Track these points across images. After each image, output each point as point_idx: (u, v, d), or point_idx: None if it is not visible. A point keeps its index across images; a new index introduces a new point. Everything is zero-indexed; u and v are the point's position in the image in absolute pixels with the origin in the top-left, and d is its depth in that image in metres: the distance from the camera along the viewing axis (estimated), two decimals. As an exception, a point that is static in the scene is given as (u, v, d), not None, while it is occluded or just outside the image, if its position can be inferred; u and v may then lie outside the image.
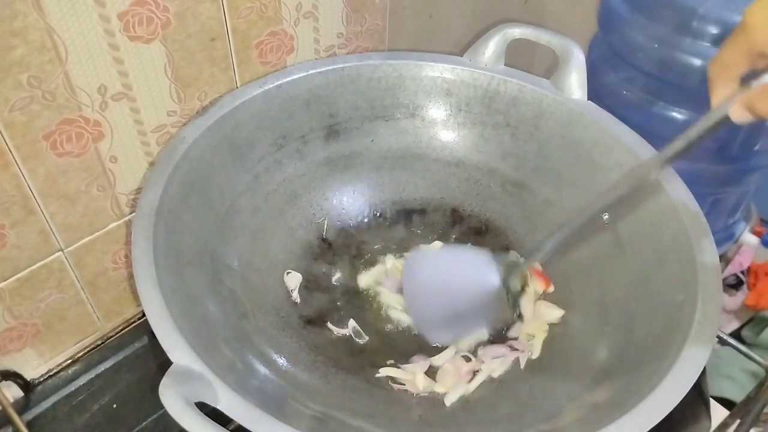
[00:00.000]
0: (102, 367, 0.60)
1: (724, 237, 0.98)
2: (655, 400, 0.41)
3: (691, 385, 0.42)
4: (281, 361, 0.52)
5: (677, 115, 0.84)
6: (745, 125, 0.42)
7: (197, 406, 0.37)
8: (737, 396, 0.96)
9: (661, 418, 0.40)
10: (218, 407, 0.39)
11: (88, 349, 0.62)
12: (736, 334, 1.20)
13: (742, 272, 1.26)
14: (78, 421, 0.56)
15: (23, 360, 0.59)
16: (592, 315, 0.55)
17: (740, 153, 0.85)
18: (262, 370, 0.48)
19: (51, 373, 0.59)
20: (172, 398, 0.36)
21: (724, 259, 1.05)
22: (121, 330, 0.63)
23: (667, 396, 0.41)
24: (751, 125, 0.80)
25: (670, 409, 0.40)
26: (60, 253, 0.57)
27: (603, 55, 0.91)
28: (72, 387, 0.58)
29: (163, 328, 0.42)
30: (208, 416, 0.36)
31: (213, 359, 0.43)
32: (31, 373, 0.59)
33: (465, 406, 0.51)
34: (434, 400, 0.52)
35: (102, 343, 0.62)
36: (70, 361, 0.60)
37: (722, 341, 0.57)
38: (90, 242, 0.59)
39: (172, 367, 0.39)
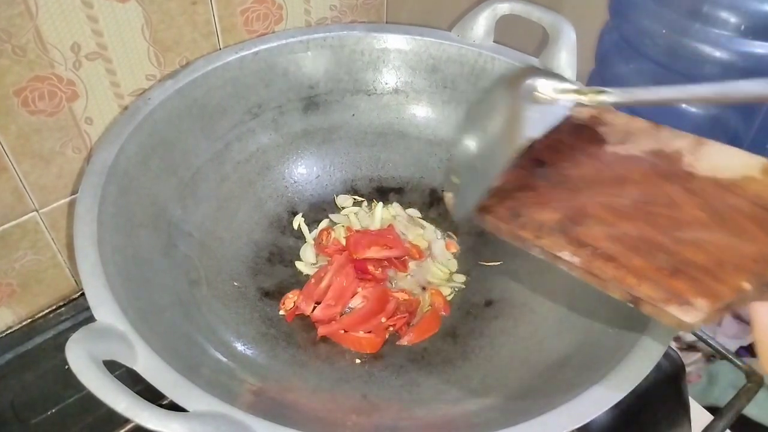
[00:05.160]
0: (62, 327, 0.59)
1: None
2: (600, 390, 0.38)
3: (642, 377, 0.39)
4: (227, 331, 0.50)
5: (686, 106, 0.80)
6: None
7: (115, 367, 0.36)
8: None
9: (602, 411, 0.37)
10: (135, 368, 0.38)
11: (50, 309, 0.61)
12: (753, 347, 1.15)
13: (764, 282, 1.20)
14: (28, 379, 0.55)
15: (-1, 319, 0.60)
16: (559, 302, 0.52)
17: (753, 149, 0.80)
18: (202, 339, 0.47)
19: (10, 330, 0.59)
20: (76, 352, 0.34)
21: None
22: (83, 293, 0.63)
23: (614, 387, 0.38)
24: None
25: (615, 401, 0.38)
26: (35, 213, 0.57)
27: (614, 45, 0.88)
28: (29, 345, 0.58)
29: (93, 285, 0.41)
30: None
31: (145, 321, 0.42)
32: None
33: (412, 388, 0.49)
34: (382, 381, 0.50)
35: (64, 304, 0.61)
36: (29, 320, 0.60)
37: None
38: (66, 205, 0.58)
39: (91, 324, 0.38)
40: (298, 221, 0.63)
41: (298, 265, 0.60)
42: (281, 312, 0.56)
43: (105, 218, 0.46)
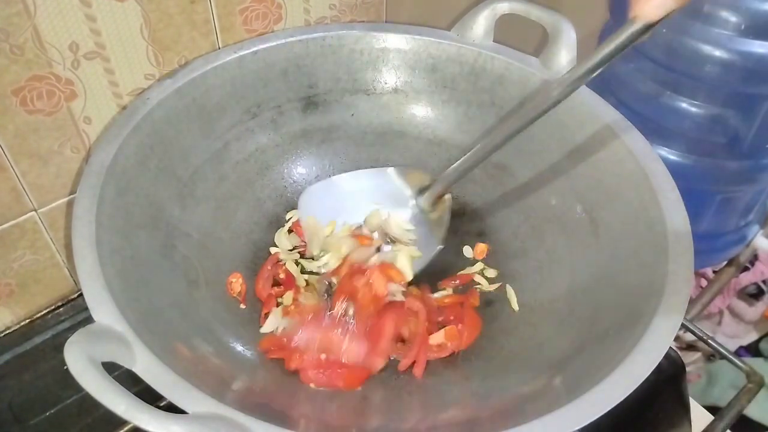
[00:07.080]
0: (60, 327, 0.59)
1: (735, 239, 0.93)
2: (600, 391, 0.38)
3: (642, 378, 0.38)
4: (226, 333, 0.50)
5: (687, 105, 0.80)
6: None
7: (114, 368, 0.36)
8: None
9: (603, 412, 0.37)
10: (133, 369, 0.37)
11: (49, 310, 0.61)
12: (753, 347, 1.15)
13: (764, 282, 1.20)
14: (27, 379, 0.55)
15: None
16: (559, 304, 0.52)
17: (753, 148, 0.80)
18: (201, 340, 0.47)
19: (9, 331, 0.59)
20: (75, 354, 0.34)
21: (736, 264, 1.00)
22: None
23: (614, 388, 0.38)
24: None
25: (616, 402, 0.38)
26: (33, 213, 0.56)
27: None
28: (27, 345, 0.58)
29: (91, 286, 0.41)
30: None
31: (144, 323, 0.41)
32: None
33: (412, 389, 0.49)
34: (382, 382, 0.50)
35: (62, 304, 0.61)
36: (28, 320, 0.60)
37: (688, 329, 0.55)
38: (65, 205, 0.58)
39: (89, 325, 0.38)
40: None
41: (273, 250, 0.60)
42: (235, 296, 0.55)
43: (103, 219, 0.46)
